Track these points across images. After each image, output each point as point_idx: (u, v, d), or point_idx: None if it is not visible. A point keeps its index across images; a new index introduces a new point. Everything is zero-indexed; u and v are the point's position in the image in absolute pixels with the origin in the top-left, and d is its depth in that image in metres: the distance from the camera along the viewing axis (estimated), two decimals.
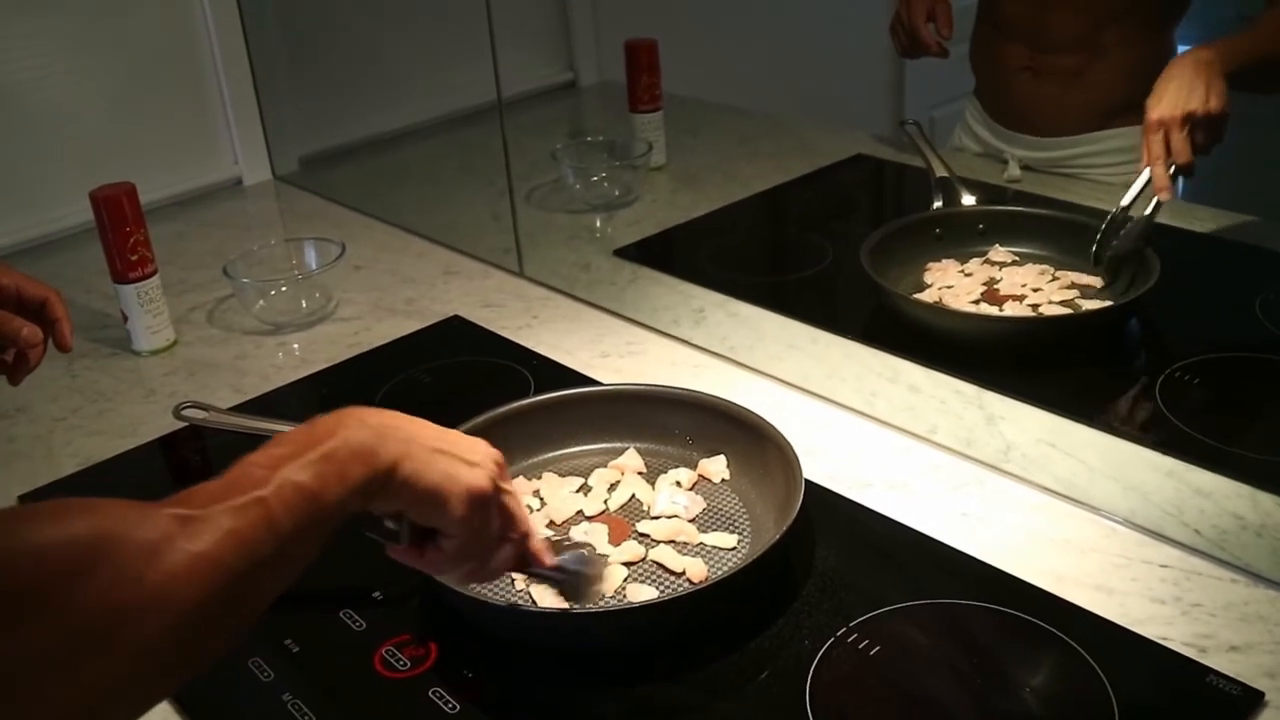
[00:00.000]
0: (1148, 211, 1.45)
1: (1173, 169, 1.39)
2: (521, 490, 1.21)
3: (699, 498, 1.19)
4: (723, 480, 1.21)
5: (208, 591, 0.62)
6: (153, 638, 0.60)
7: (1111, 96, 1.70)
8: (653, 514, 1.17)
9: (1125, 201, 1.46)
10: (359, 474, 0.74)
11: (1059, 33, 1.71)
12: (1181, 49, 1.67)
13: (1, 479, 1.38)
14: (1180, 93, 1.36)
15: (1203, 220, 1.70)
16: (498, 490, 0.85)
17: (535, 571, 0.94)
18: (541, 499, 1.20)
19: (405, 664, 1.02)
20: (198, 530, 0.64)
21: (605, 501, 1.19)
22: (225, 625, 0.65)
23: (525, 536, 0.90)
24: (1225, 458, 1.19)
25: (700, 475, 1.22)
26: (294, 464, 0.71)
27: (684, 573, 1.08)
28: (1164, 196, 1.41)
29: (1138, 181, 1.43)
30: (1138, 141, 1.42)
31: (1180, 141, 1.37)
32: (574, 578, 0.96)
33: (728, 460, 1.22)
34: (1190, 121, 1.36)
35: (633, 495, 1.20)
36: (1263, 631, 1.00)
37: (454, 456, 0.82)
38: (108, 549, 0.59)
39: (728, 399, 1.24)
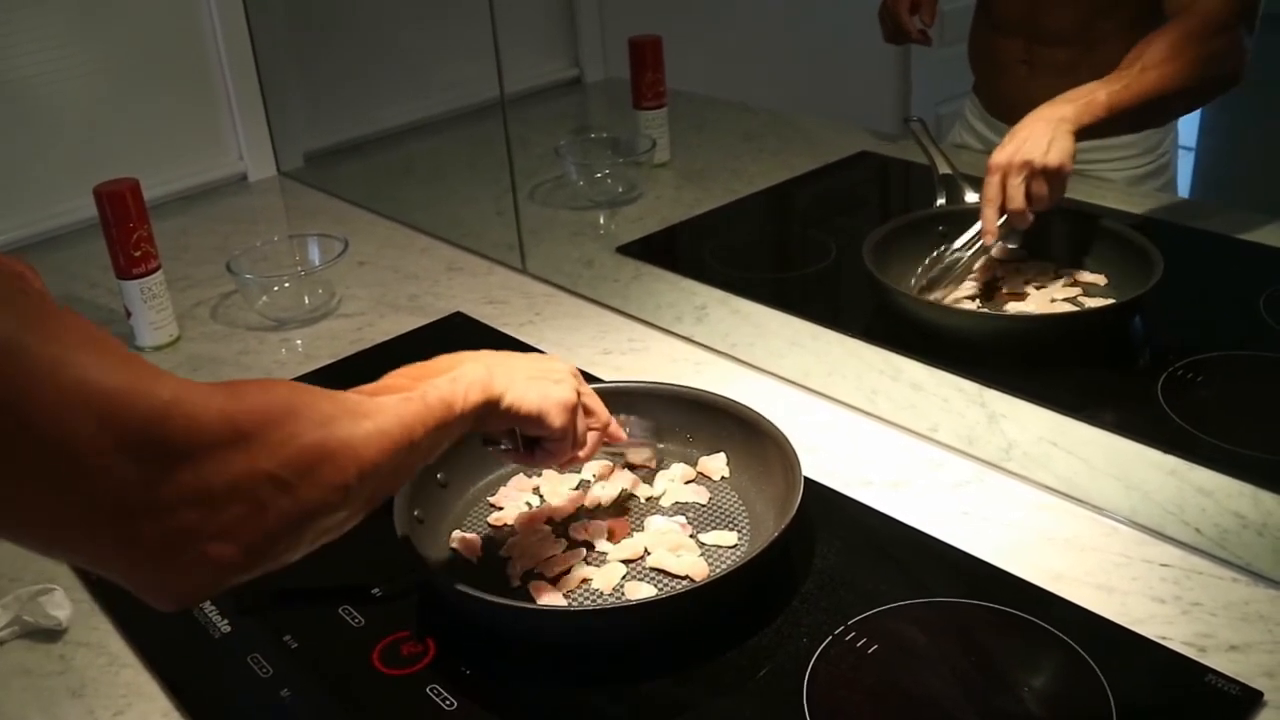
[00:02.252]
0: (969, 253, 1.49)
1: (1004, 217, 1.42)
2: (522, 488, 1.21)
3: (699, 494, 1.19)
4: (722, 478, 1.21)
5: (381, 455, 0.81)
6: (345, 477, 0.77)
7: None
8: (652, 511, 1.17)
9: (958, 243, 1.49)
10: (476, 398, 0.95)
11: (1054, 26, 1.71)
12: None
13: None
14: (1025, 143, 1.39)
15: (1205, 217, 1.69)
16: (579, 396, 1.06)
17: (611, 450, 1.21)
18: (541, 495, 1.20)
19: (404, 660, 1.03)
20: (371, 410, 0.83)
21: (601, 497, 1.19)
22: (385, 485, 0.85)
23: (606, 425, 1.12)
24: (1227, 456, 1.18)
25: (700, 473, 1.22)
26: (432, 380, 0.94)
27: (683, 570, 1.08)
28: (987, 240, 1.44)
29: (974, 227, 1.47)
30: (1134, 138, 1.42)
31: (1014, 189, 1.40)
32: (645, 443, 1.24)
33: (728, 458, 1.22)
34: (1027, 170, 1.39)
35: (623, 490, 1.20)
36: (1263, 631, 1.00)
37: (545, 379, 1.03)
38: (301, 410, 0.75)
39: (728, 396, 1.23)
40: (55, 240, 2.02)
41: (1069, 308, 1.46)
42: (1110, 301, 1.45)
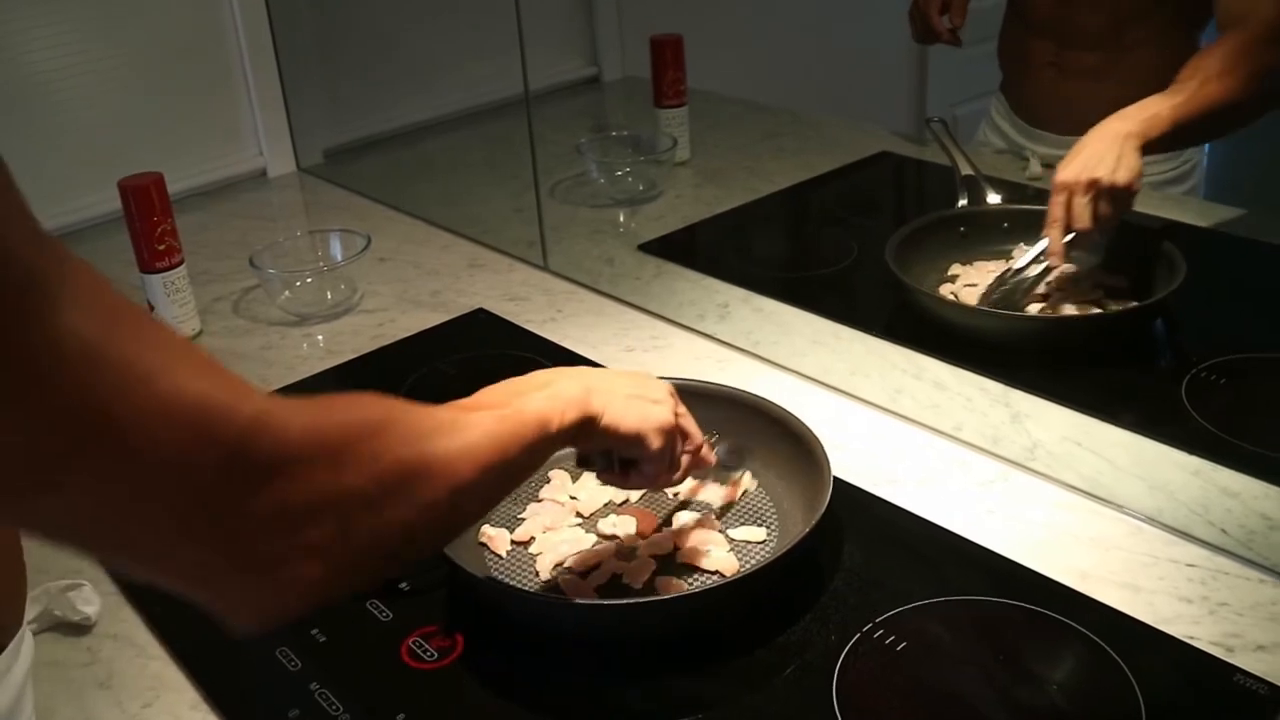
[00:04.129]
0: (1035, 273, 1.46)
1: (1071, 235, 1.39)
2: (563, 487, 1.22)
3: (728, 490, 1.19)
4: (750, 474, 1.21)
5: (474, 472, 0.78)
6: (438, 493, 0.75)
7: (1134, 96, 1.68)
8: (679, 507, 1.18)
9: (1019, 264, 1.46)
10: (573, 416, 0.92)
11: (1085, 29, 1.71)
12: None
13: None
14: (1091, 159, 1.37)
15: (1227, 219, 1.69)
16: (677, 418, 1.03)
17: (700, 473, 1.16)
18: (571, 495, 1.21)
19: (433, 655, 1.03)
20: (465, 425, 0.80)
21: (629, 493, 1.20)
22: (479, 503, 0.85)
23: (699, 448, 1.08)
24: (1252, 457, 1.19)
25: (727, 468, 1.22)
26: (528, 396, 0.90)
27: (714, 566, 1.08)
28: (1054, 261, 1.42)
29: (1038, 245, 1.44)
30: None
31: (1082, 208, 1.37)
32: (733, 465, 1.19)
33: (755, 454, 1.22)
34: (1095, 189, 1.36)
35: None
36: None
37: (644, 399, 1.00)
38: (392, 426, 0.73)
39: (756, 394, 1.24)
40: (78, 234, 2.03)
41: (1092, 309, 1.46)
42: (1133, 304, 1.45)
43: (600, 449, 1.01)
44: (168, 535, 0.62)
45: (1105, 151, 1.37)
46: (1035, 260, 1.45)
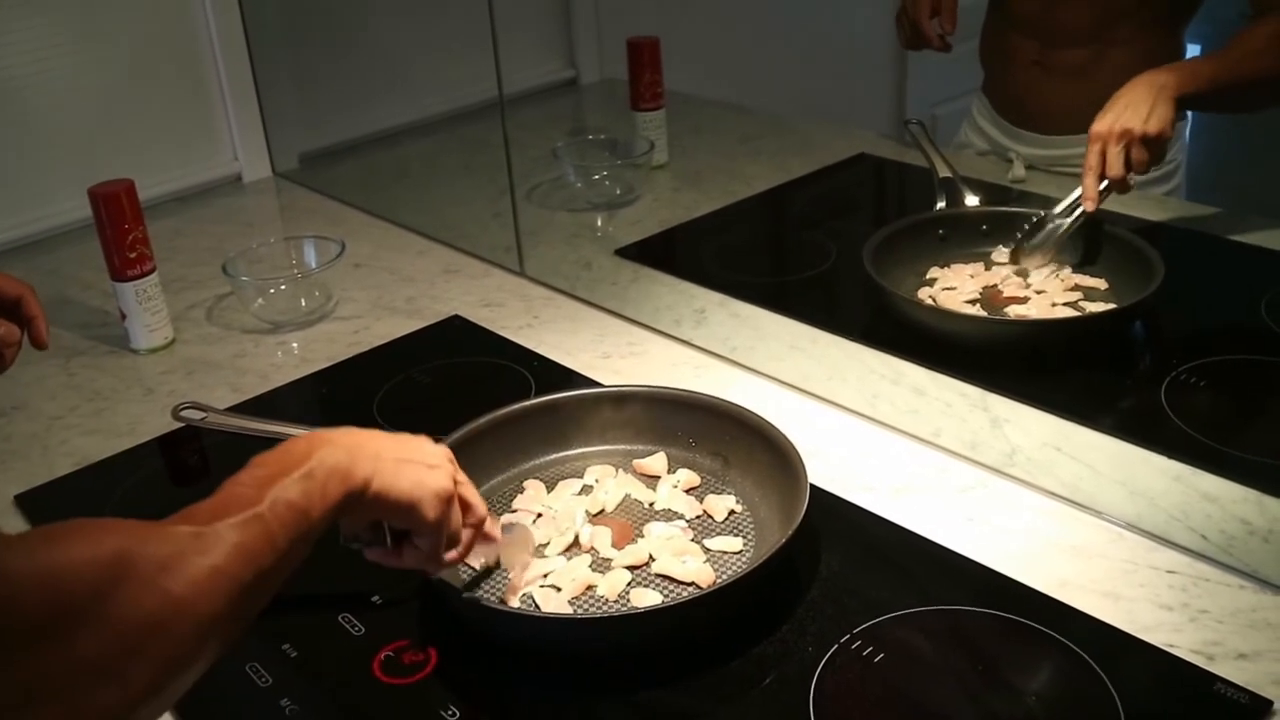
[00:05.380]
0: (1070, 218, 1.50)
1: (1105, 184, 1.44)
2: (536, 498, 1.20)
3: (701, 500, 1.18)
4: (725, 483, 1.20)
5: (222, 599, 0.69)
6: (180, 642, 0.66)
7: None
8: (655, 517, 1.16)
9: (1058, 209, 1.51)
10: (337, 491, 0.83)
11: (1068, 27, 1.71)
12: (1191, 49, 1.67)
13: None
14: (1125, 110, 1.40)
15: (1207, 221, 1.69)
16: (456, 485, 0.96)
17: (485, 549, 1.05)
18: (547, 505, 1.19)
19: (405, 669, 1.01)
20: (209, 545, 0.70)
21: (604, 503, 1.18)
22: (235, 627, 0.72)
23: (482, 521, 1.00)
24: (1232, 461, 1.18)
25: (703, 477, 1.21)
26: (280, 483, 0.78)
27: (689, 577, 1.07)
28: (1088, 206, 1.46)
29: (1074, 193, 1.49)
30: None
31: (1115, 156, 1.41)
32: (515, 547, 1.08)
33: (731, 463, 1.21)
34: (1127, 138, 1.40)
35: (627, 494, 1.20)
36: (1271, 638, 0.99)
37: (417, 463, 0.91)
38: (131, 564, 0.64)
39: (732, 401, 1.22)
40: (49, 241, 2.01)
41: (1070, 312, 1.45)
42: (1112, 306, 1.45)
43: (368, 521, 0.93)
44: None
45: (1140, 101, 1.40)
46: (1070, 206, 1.49)
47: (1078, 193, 1.47)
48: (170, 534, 0.69)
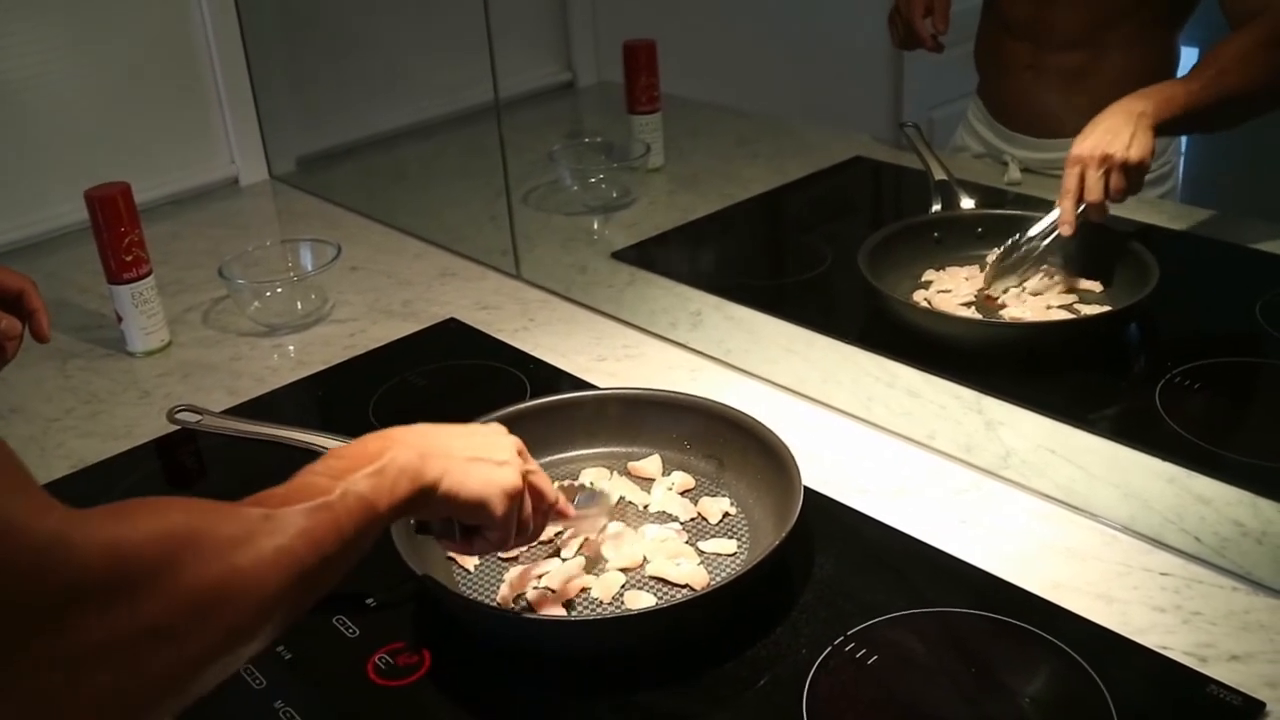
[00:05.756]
0: (1045, 243, 1.49)
1: (1082, 208, 1.43)
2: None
3: (695, 503, 1.18)
4: (720, 485, 1.20)
5: (287, 580, 0.71)
6: (243, 616, 0.68)
7: (1112, 98, 1.68)
8: (650, 520, 1.17)
9: (1032, 232, 1.50)
10: (406, 489, 0.85)
11: (1063, 31, 1.71)
12: (1185, 51, 1.67)
13: None
14: (1105, 135, 1.40)
15: (1201, 223, 1.69)
16: (525, 477, 0.96)
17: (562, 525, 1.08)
18: None
19: (399, 671, 1.02)
20: (277, 527, 0.73)
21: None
22: (296, 609, 0.74)
23: (554, 503, 1.01)
24: (1226, 463, 1.18)
25: (698, 479, 1.21)
26: (352, 476, 0.81)
27: (683, 579, 1.07)
28: (1065, 231, 1.45)
29: (1049, 216, 1.48)
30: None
31: (1094, 180, 1.41)
32: (592, 517, 1.09)
33: (725, 465, 1.21)
34: (1108, 164, 1.40)
35: (621, 496, 1.20)
36: (1264, 640, 0.99)
37: (486, 461, 0.93)
38: (199, 539, 0.66)
39: (726, 403, 1.23)
40: (46, 244, 2.01)
41: (1065, 315, 1.45)
42: (1107, 309, 1.45)
43: (440, 516, 0.95)
44: None
45: (1120, 128, 1.40)
46: (1046, 229, 1.49)
47: (1054, 215, 1.46)
48: (241, 514, 0.72)
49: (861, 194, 2.09)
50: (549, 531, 1.11)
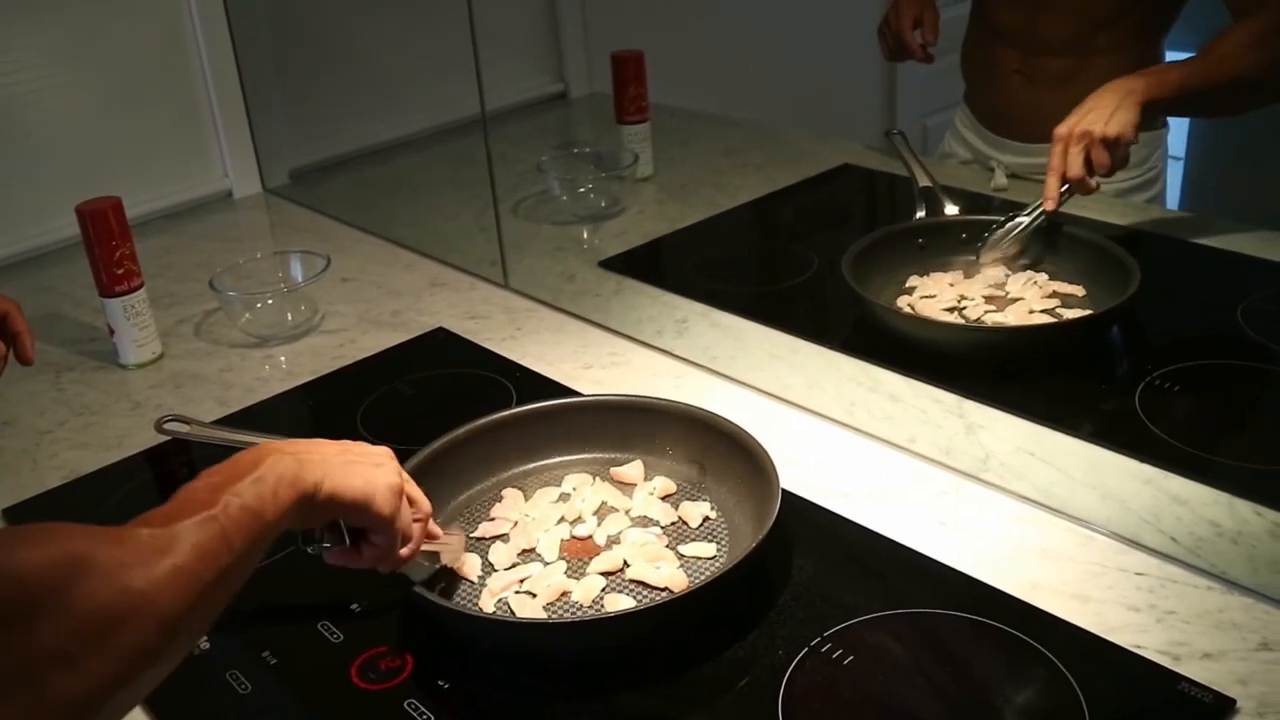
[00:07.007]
0: (1030, 217, 1.54)
1: (1067, 185, 1.47)
2: (515, 505, 1.22)
3: (679, 507, 1.19)
4: (701, 490, 1.21)
5: (184, 597, 0.71)
6: (144, 636, 0.68)
7: None
8: (630, 523, 1.18)
9: (1021, 214, 1.55)
10: (289, 494, 0.86)
11: (1050, 36, 1.72)
12: (1170, 56, 1.69)
13: None
14: (1089, 113, 1.44)
15: (1183, 227, 1.70)
16: (402, 480, 0.99)
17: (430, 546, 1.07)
18: (526, 514, 1.21)
19: (382, 675, 1.03)
20: (168, 544, 0.73)
21: (581, 511, 1.20)
22: (198, 624, 0.75)
23: (429, 515, 1.04)
24: (1203, 465, 1.19)
25: (679, 485, 1.22)
26: (233, 488, 0.81)
27: (662, 582, 1.08)
28: (1047, 205, 1.50)
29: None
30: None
31: (1074, 156, 1.44)
32: (454, 545, 1.11)
33: (707, 470, 1.22)
34: (1087, 140, 1.43)
35: (604, 502, 1.21)
36: (1236, 639, 1.00)
37: (364, 462, 0.95)
38: (91, 562, 0.67)
39: (707, 409, 1.24)
40: (40, 259, 2.03)
41: (1046, 319, 1.46)
42: (1088, 313, 1.46)
43: (325, 522, 0.96)
44: None
45: (1105, 105, 1.43)
46: (1032, 208, 1.53)
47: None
48: (130, 535, 0.72)
49: (849, 202, 2.10)
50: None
